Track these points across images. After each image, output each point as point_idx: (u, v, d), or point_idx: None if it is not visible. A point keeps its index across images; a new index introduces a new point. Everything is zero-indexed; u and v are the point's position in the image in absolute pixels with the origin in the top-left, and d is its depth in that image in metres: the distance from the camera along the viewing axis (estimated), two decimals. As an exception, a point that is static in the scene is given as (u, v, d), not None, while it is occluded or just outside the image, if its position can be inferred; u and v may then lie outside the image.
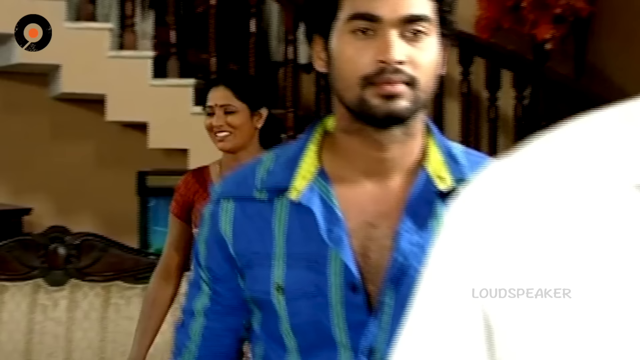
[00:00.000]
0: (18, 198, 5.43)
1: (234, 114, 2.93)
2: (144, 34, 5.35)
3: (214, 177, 2.98)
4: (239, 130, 2.93)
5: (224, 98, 2.94)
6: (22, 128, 5.43)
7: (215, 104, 2.95)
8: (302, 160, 1.50)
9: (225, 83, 2.99)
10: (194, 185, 3.02)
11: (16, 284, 4.43)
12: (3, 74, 5.37)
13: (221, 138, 2.93)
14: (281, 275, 1.48)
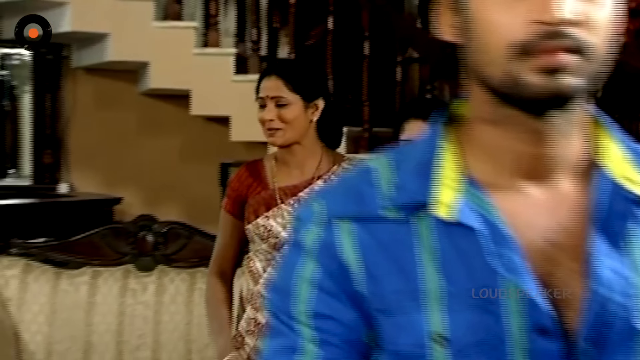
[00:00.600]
0: (109, 188, 5.56)
1: (286, 107, 2.60)
2: (227, 31, 5.45)
3: (269, 171, 2.71)
4: (292, 124, 2.60)
5: (275, 89, 2.61)
6: (113, 122, 5.55)
7: (267, 95, 2.63)
8: (439, 165, 1.10)
9: (277, 73, 2.64)
10: (247, 179, 2.72)
11: (108, 269, 4.57)
12: (96, 71, 5.49)
13: (272, 133, 2.62)
14: (441, 322, 1.06)
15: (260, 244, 2.61)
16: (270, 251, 2.59)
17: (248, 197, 2.67)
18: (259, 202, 2.62)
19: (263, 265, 2.61)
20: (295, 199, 2.59)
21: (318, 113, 2.64)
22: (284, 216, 2.58)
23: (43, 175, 5.70)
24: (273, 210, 2.60)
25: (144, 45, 4.98)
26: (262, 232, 2.59)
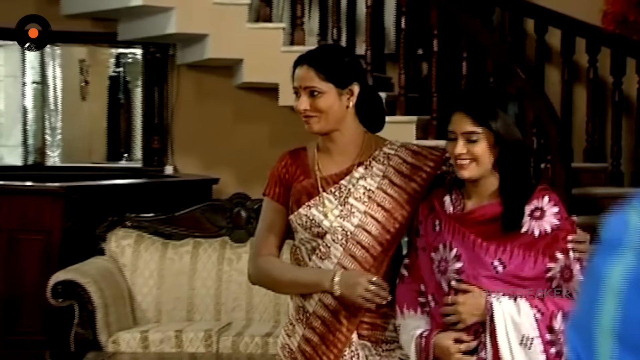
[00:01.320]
0: (208, 170, 5.64)
1: (319, 96, 2.29)
2: (311, 31, 5.46)
3: (311, 159, 2.40)
4: (326, 113, 2.29)
5: (308, 79, 2.30)
6: (212, 112, 5.62)
7: (300, 85, 2.31)
8: None
9: (308, 62, 2.32)
10: (291, 166, 2.41)
11: (208, 240, 4.67)
12: (197, 67, 5.57)
13: (307, 121, 2.32)
14: None
15: (303, 233, 2.33)
16: (315, 239, 2.32)
17: (292, 186, 2.38)
18: (300, 191, 2.36)
19: (308, 252, 2.34)
20: (336, 187, 2.33)
21: (354, 98, 2.32)
22: (325, 204, 2.32)
23: (152, 159, 5.79)
24: (314, 199, 2.33)
25: (238, 44, 5.04)
26: (304, 222, 2.32)
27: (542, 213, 2.11)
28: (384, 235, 2.28)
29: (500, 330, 2.05)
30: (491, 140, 2.10)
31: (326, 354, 2.28)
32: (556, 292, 2.09)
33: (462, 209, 2.19)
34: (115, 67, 6.43)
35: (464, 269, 2.13)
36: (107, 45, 6.17)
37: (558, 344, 2.04)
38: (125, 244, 4.64)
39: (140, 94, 5.96)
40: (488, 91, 2.35)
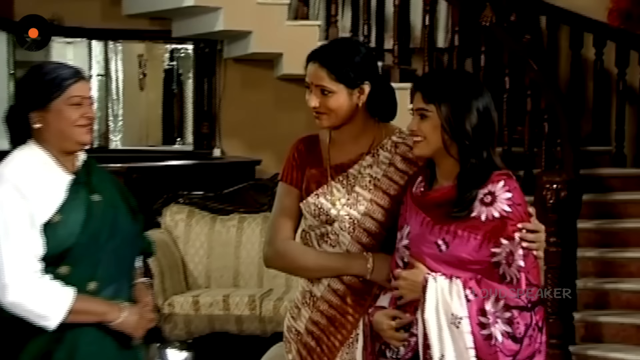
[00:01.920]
0: (252, 152, 5.68)
1: (329, 96, 2.11)
2: (344, 28, 5.47)
3: (323, 146, 2.23)
4: (336, 112, 2.12)
5: (319, 78, 2.11)
6: (255, 101, 5.66)
7: (311, 82, 2.13)
8: None
9: (321, 61, 2.12)
10: (303, 153, 2.24)
11: (251, 215, 4.73)
12: (242, 61, 5.60)
13: (318, 117, 2.15)
14: None
15: (312, 220, 2.18)
16: (324, 226, 2.17)
17: (306, 170, 2.22)
18: (310, 179, 2.20)
19: (317, 238, 2.19)
20: (344, 175, 2.18)
21: (364, 97, 2.14)
22: (333, 193, 2.17)
23: (201, 143, 5.84)
24: (323, 188, 2.17)
25: (279, 40, 5.07)
26: (312, 210, 2.17)
27: (494, 198, 1.92)
28: (390, 221, 2.14)
29: (429, 307, 1.90)
30: (440, 121, 1.95)
31: (334, 335, 2.16)
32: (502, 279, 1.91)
33: (424, 190, 2.03)
34: (169, 61, 6.49)
35: (410, 246, 2.01)
36: (163, 42, 6.23)
37: (489, 326, 1.88)
38: (179, 218, 4.71)
39: (192, 85, 6.02)
40: (451, 75, 2.11)
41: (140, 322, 2.07)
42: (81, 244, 2.02)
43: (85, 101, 2.07)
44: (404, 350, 1.98)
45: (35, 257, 1.99)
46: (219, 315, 4.29)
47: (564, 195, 3.82)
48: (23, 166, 2.04)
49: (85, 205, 2.05)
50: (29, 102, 2.05)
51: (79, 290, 2.02)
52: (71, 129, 2.04)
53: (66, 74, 2.06)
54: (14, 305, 1.97)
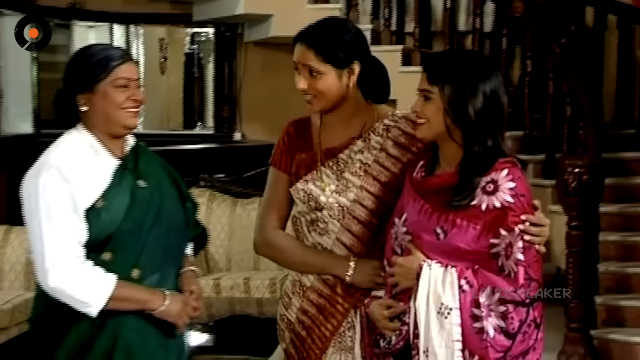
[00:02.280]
0: (272, 135, 5.55)
1: (318, 78, 2.02)
2: (365, 11, 5.40)
3: (314, 129, 2.14)
4: (325, 94, 2.02)
5: (307, 59, 2.03)
6: (275, 84, 5.61)
7: (299, 61, 2.05)
8: None
9: (308, 42, 2.03)
10: (295, 137, 2.15)
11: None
12: (262, 44, 5.59)
13: (308, 100, 2.06)
14: None
15: (302, 206, 2.10)
16: (314, 212, 2.09)
17: (296, 155, 2.13)
18: (299, 164, 2.12)
19: (307, 225, 2.11)
20: (334, 161, 2.08)
21: (355, 77, 2.04)
22: (322, 179, 2.08)
23: (222, 126, 5.86)
24: (312, 174, 2.09)
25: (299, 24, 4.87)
26: (302, 196, 2.09)
27: (496, 187, 1.83)
28: (381, 209, 2.05)
29: (421, 295, 1.82)
30: (443, 104, 1.84)
31: (324, 325, 2.10)
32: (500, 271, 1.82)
33: (425, 175, 1.93)
34: (190, 44, 6.49)
35: (408, 233, 1.91)
36: (183, 26, 6.23)
37: (481, 319, 1.79)
38: (200, 201, 4.62)
39: (212, 69, 6.03)
40: (459, 56, 1.97)
41: (183, 310, 2.01)
42: (124, 230, 1.97)
43: (132, 83, 2.01)
44: (395, 339, 1.91)
45: (77, 242, 1.95)
46: (240, 298, 4.28)
47: (586, 178, 3.76)
48: (68, 151, 2.00)
49: (130, 191, 2.00)
50: (75, 85, 2.01)
51: (122, 277, 1.97)
52: (117, 112, 1.99)
53: (112, 56, 2.00)
54: (54, 290, 1.94)
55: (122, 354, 1.98)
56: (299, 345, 2.13)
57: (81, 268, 1.94)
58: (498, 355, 1.79)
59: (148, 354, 2.02)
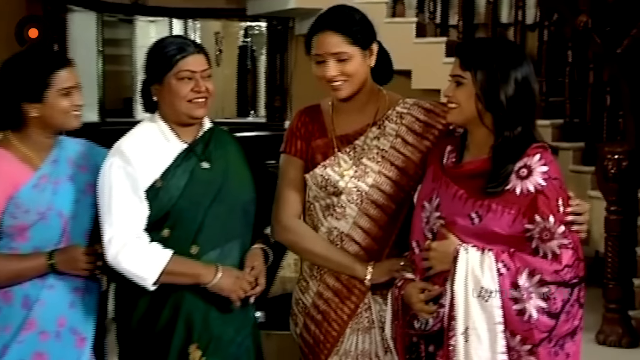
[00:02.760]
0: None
1: (347, 61, 1.99)
2: (410, 4, 5.43)
3: (326, 117, 2.12)
4: (354, 76, 2.01)
5: (335, 45, 1.98)
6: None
7: (326, 52, 1.99)
8: None
9: (335, 28, 1.99)
10: (308, 124, 2.12)
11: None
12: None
13: (337, 87, 2.01)
14: None
15: (318, 192, 2.08)
16: (329, 197, 2.07)
17: (311, 141, 2.10)
18: (315, 149, 2.09)
19: (322, 210, 2.09)
20: (351, 147, 2.08)
21: (374, 57, 2.03)
22: (340, 164, 2.06)
23: (274, 115, 5.93)
24: (330, 159, 2.07)
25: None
26: (319, 182, 2.06)
27: (529, 172, 1.80)
28: (399, 194, 2.04)
29: (459, 278, 1.79)
30: (475, 89, 1.82)
31: (340, 308, 2.08)
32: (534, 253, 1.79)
33: (456, 161, 1.91)
34: (244, 38, 6.58)
35: (441, 217, 1.88)
36: (238, 20, 6.33)
37: (522, 301, 1.77)
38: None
39: (265, 61, 6.10)
40: (492, 43, 1.95)
41: (236, 284, 2.00)
42: (181, 208, 2.02)
43: (197, 75, 2.02)
44: (432, 321, 1.87)
45: (135, 220, 2.01)
46: (291, 277, 4.36)
47: (625, 165, 3.77)
48: (138, 137, 2.07)
49: (190, 172, 2.04)
50: (149, 76, 2.07)
51: (181, 253, 2.01)
52: (181, 103, 2.02)
53: (177, 49, 2.02)
54: (113, 264, 2.00)
55: (184, 326, 2.03)
56: (313, 329, 2.11)
57: (137, 243, 1.99)
58: (543, 335, 1.77)
59: (207, 327, 2.04)
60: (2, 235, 1.99)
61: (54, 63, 2.00)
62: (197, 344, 2.04)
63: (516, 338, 1.78)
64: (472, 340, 1.78)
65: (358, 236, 2.07)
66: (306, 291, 2.13)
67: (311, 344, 2.12)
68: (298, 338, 2.17)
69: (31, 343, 1.97)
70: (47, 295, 1.99)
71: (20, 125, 2.01)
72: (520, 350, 1.79)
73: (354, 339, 2.09)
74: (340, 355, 2.10)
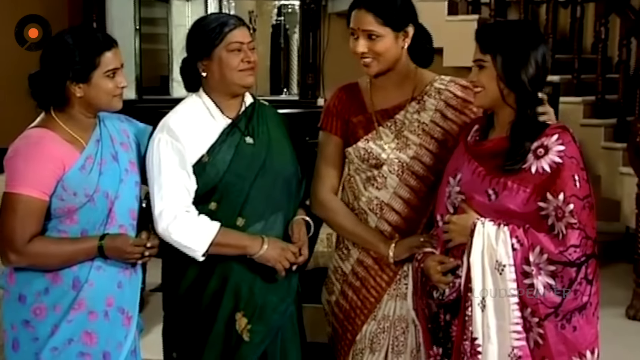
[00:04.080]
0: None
1: (377, 40, 2.06)
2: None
3: (365, 94, 2.19)
4: (383, 55, 2.08)
5: (366, 23, 2.06)
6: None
7: (358, 27, 2.08)
8: None
9: (367, 7, 2.07)
10: (346, 101, 2.19)
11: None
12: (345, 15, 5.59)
13: (367, 63, 2.10)
14: None
15: (360, 165, 2.16)
16: (370, 170, 2.15)
17: (350, 118, 2.17)
18: (357, 125, 2.16)
19: (363, 182, 2.16)
20: (392, 121, 2.15)
21: (409, 40, 2.10)
22: (382, 138, 2.14)
23: (307, 93, 5.91)
24: (372, 134, 2.14)
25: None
26: (362, 154, 2.14)
27: (546, 151, 1.85)
28: (437, 166, 2.11)
29: (475, 251, 1.85)
30: (496, 71, 1.88)
31: (380, 275, 2.15)
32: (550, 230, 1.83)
33: (479, 139, 1.97)
34: (277, 16, 6.55)
35: (461, 193, 1.95)
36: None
37: (531, 276, 1.82)
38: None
39: (297, 39, 6.07)
40: (508, 26, 1.98)
41: (281, 255, 2.06)
42: (227, 182, 2.06)
43: (245, 46, 2.07)
44: (448, 291, 1.94)
45: (183, 194, 2.05)
46: (323, 252, 4.38)
47: (657, 141, 3.72)
48: (184, 113, 2.11)
49: (235, 146, 2.09)
50: (195, 53, 2.10)
51: (228, 225, 2.06)
52: (233, 74, 2.06)
53: (224, 22, 2.07)
54: (163, 236, 2.05)
55: (232, 296, 2.09)
56: (351, 296, 2.17)
57: (186, 216, 2.04)
58: (548, 311, 1.82)
59: (252, 296, 2.10)
60: (50, 217, 2.00)
61: (101, 44, 1.99)
62: (243, 311, 2.09)
63: (527, 309, 1.83)
64: (488, 310, 1.83)
65: (398, 205, 2.14)
66: (346, 259, 2.19)
67: (347, 309, 2.18)
68: (332, 306, 2.21)
69: (80, 322, 2.00)
70: (95, 276, 2.01)
71: (64, 104, 2.00)
72: (531, 321, 1.83)
73: (392, 305, 2.15)
74: (379, 320, 2.16)
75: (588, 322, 1.84)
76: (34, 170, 1.94)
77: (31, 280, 2.00)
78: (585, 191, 1.84)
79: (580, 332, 1.83)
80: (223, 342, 2.09)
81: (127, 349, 2.07)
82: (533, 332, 1.83)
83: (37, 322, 1.98)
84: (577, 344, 1.83)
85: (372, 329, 2.16)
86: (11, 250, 1.95)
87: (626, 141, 3.99)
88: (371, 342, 2.16)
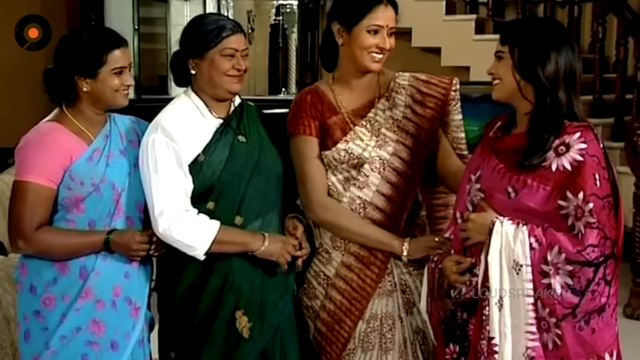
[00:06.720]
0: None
1: (392, 37, 2.11)
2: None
3: (331, 96, 2.16)
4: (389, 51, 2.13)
5: (392, 20, 2.09)
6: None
7: (387, 24, 2.08)
8: None
9: (392, 4, 2.10)
10: (316, 104, 2.14)
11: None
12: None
13: (380, 60, 2.10)
14: None
15: (338, 166, 2.14)
16: (349, 170, 2.14)
17: (324, 121, 2.13)
18: (332, 127, 2.14)
19: (342, 183, 2.15)
20: (366, 120, 2.15)
21: None
22: (360, 137, 2.14)
23: (305, 92, 5.90)
24: (350, 134, 2.13)
25: None
26: (342, 156, 2.12)
27: (567, 149, 1.79)
28: (414, 160, 2.13)
29: (493, 249, 1.81)
30: (512, 61, 1.83)
31: (369, 276, 2.14)
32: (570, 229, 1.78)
33: (501, 135, 1.93)
34: (275, 16, 6.56)
35: (481, 190, 1.91)
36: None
37: (549, 276, 1.78)
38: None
39: (296, 39, 6.09)
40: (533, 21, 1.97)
41: (283, 249, 2.06)
42: (224, 181, 2.06)
43: (238, 53, 2.08)
44: (465, 289, 1.92)
45: (182, 193, 2.04)
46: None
47: (654, 141, 3.72)
48: (177, 113, 2.11)
49: (229, 146, 2.09)
50: (188, 49, 2.10)
51: (226, 224, 2.05)
52: (221, 78, 2.07)
53: (223, 27, 2.07)
54: (164, 236, 2.04)
55: (233, 294, 2.08)
56: (339, 299, 2.15)
57: (186, 215, 2.03)
58: (566, 312, 1.78)
59: (253, 294, 2.09)
60: (58, 207, 2.04)
61: (111, 42, 2.04)
62: (243, 310, 2.09)
63: (546, 310, 1.80)
64: (505, 310, 1.81)
65: (381, 203, 2.13)
66: (328, 262, 2.17)
67: (336, 312, 2.16)
68: (318, 310, 2.19)
69: (88, 311, 2.02)
70: (102, 265, 2.03)
71: (74, 99, 2.06)
72: (549, 321, 1.80)
73: (378, 303, 2.16)
74: (367, 319, 2.16)
75: (607, 324, 1.80)
76: (42, 159, 2.00)
77: (41, 270, 2.03)
78: (606, 190, 1.78)
79: (598, 334, 1.79)
80: (223, 341, 2.08)
81: (135, 339, 2.08)
82: (551, 333, 1.80)
83: (46, 312, 2.01)
84: (596, 346, 1.79)
85: (362, 329, 2.16)
86: (19, 237, 2.00)
87: (623, 141, 4.00)
88: (362, 341, 2.16)
